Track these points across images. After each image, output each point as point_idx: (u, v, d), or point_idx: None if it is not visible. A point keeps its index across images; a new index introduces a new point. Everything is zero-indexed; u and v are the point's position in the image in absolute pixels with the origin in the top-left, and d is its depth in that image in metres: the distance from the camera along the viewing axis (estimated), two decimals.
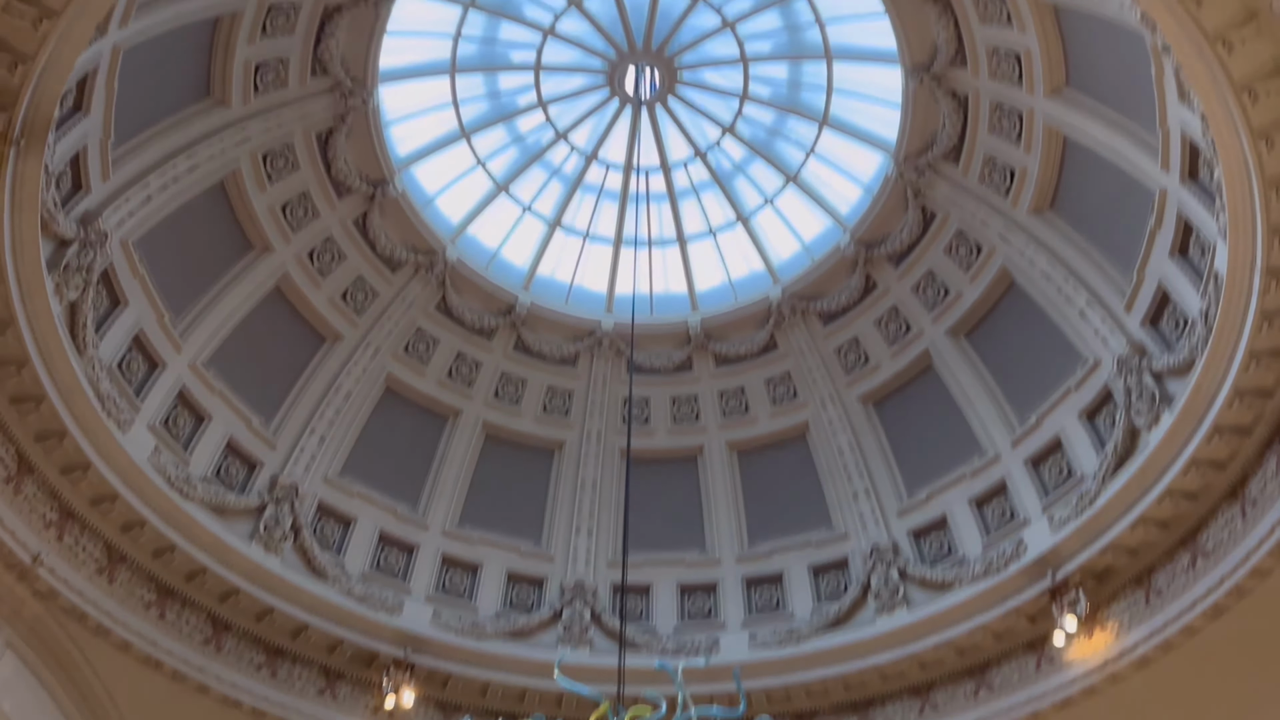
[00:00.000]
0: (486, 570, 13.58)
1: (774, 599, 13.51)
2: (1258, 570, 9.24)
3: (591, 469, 14.37)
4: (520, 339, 14.60)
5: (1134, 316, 11.10)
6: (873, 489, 13.46)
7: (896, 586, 12.51)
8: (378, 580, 12.83)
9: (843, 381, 14.12)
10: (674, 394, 14.86)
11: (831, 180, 14.53)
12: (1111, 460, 10.82)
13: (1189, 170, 9.83)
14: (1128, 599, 10.53)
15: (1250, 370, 9.06)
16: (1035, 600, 11.12)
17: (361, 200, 13.55)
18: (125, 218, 11.09)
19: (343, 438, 13.43)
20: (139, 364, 11.54)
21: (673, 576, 13.85)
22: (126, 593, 10.69)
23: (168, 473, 11.08)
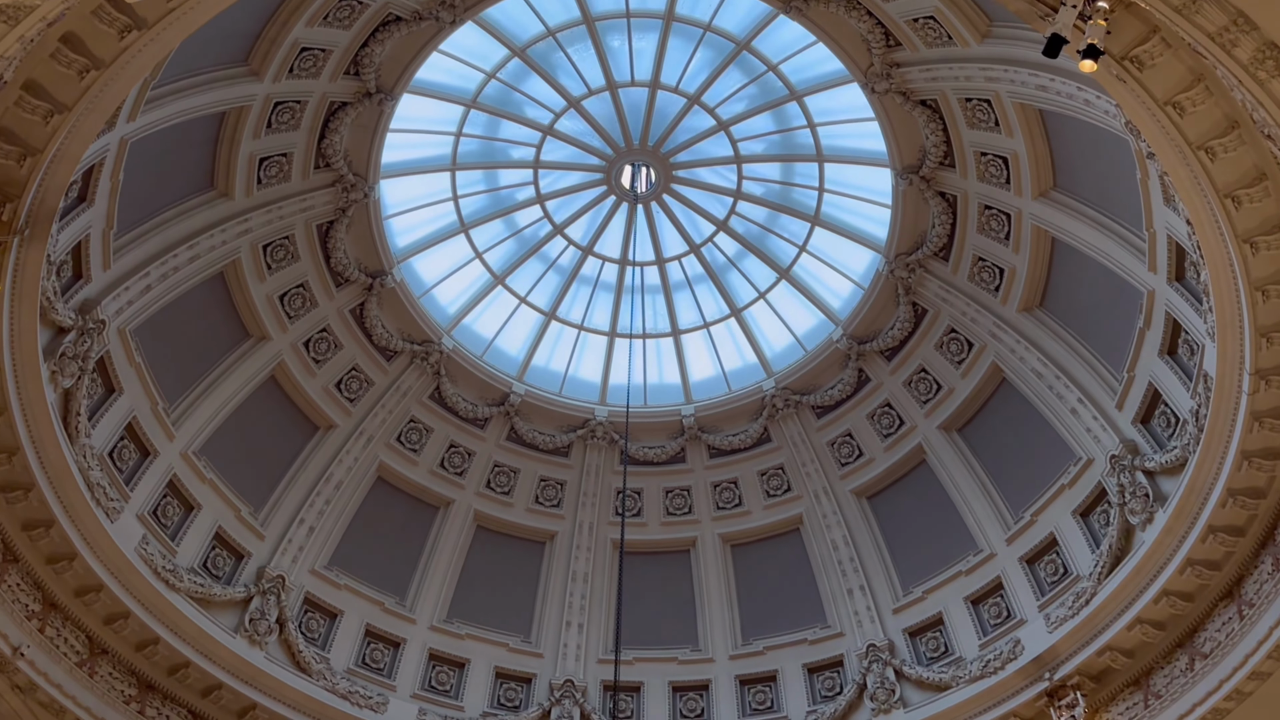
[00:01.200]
0: (474, 667, 13.31)
1: (768, 699, 13.26)
2: (1256, 673, 9.13)
3: (583, 561, 14.22)
4: (514, 429, 14.59)
5: (1125, 414, 11.17)
6: (867, 585, 13.33)
7: (893, 687, 12.31)
8: (363, 676, 12.56)
9: (836, 475, 14.10)
10: (667, 485, 14.81)
11: (824, 275, 14.76)
12: (1107, 559, 10.77)
13: (1176, 272, 10.00)
14: (1126, 701, 10.37)
15: (1242, 470, 9.09)
16: (1032, 702, 10.96)
17: (359, 290, 13.67)
18: (124, 306, 11.14)
19: (332, 528, 13.30)
20: (130, 452, 11.46)
21: (664, 674, 13.60)
22: (107, 687, 10.43)
23: (155, 563, 10.92)
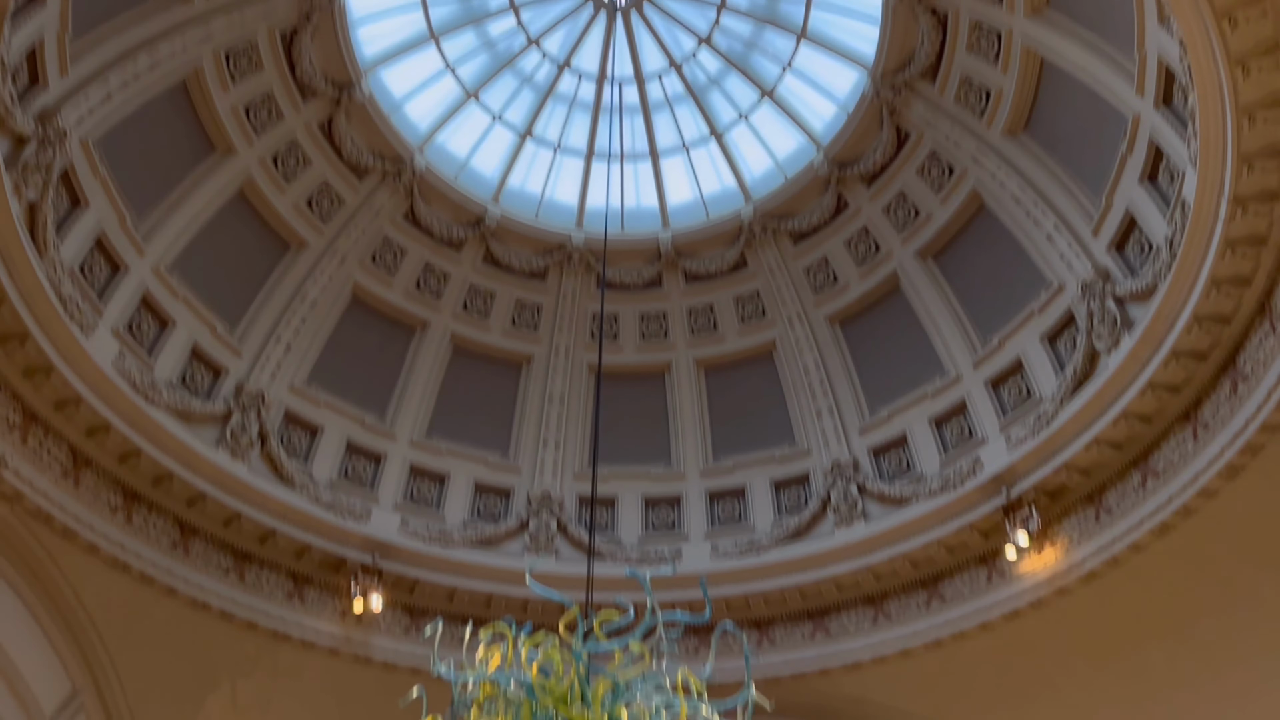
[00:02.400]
0: (454, 481, 13.71)
1: (736, 512, 13.80)
2: (1205, 491, 9.55)
3: (559, 383, 14.42)
4: (489, 251, 14.48)
5: (1100, 241, 11.23)
6: (836, 407, 13.66)
7: (855, 501, 12.80)
8: (345, 488, 12.91)
9: (811, 301, 14.21)
10: (643, 310, 14.88)
11: (807, 97, 14.40)
12: (1070, 383, 11.05)
13: (1163, 96, 9.85)
14: (1079, 516, 10.86)
15: (1211, 297, 9.23)
16: (989, 516, 11.43)
17: (327, 104, 13.24)
18: (84, 115, 10.75)
19: (308, 346, 13.34)
20: (101, 267, 11.33)
21: (638, 489, 14.08)
22: (93, 496, 10.67)
23: (132, 377, 10.97)
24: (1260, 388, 9.02)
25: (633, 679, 5.71)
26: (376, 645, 12.26)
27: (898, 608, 12.23)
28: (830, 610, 12.63)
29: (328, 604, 12.18)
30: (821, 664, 12.40)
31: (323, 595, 12.21)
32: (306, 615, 12.03)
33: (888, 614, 12.29)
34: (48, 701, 10.51)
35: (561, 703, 5.56)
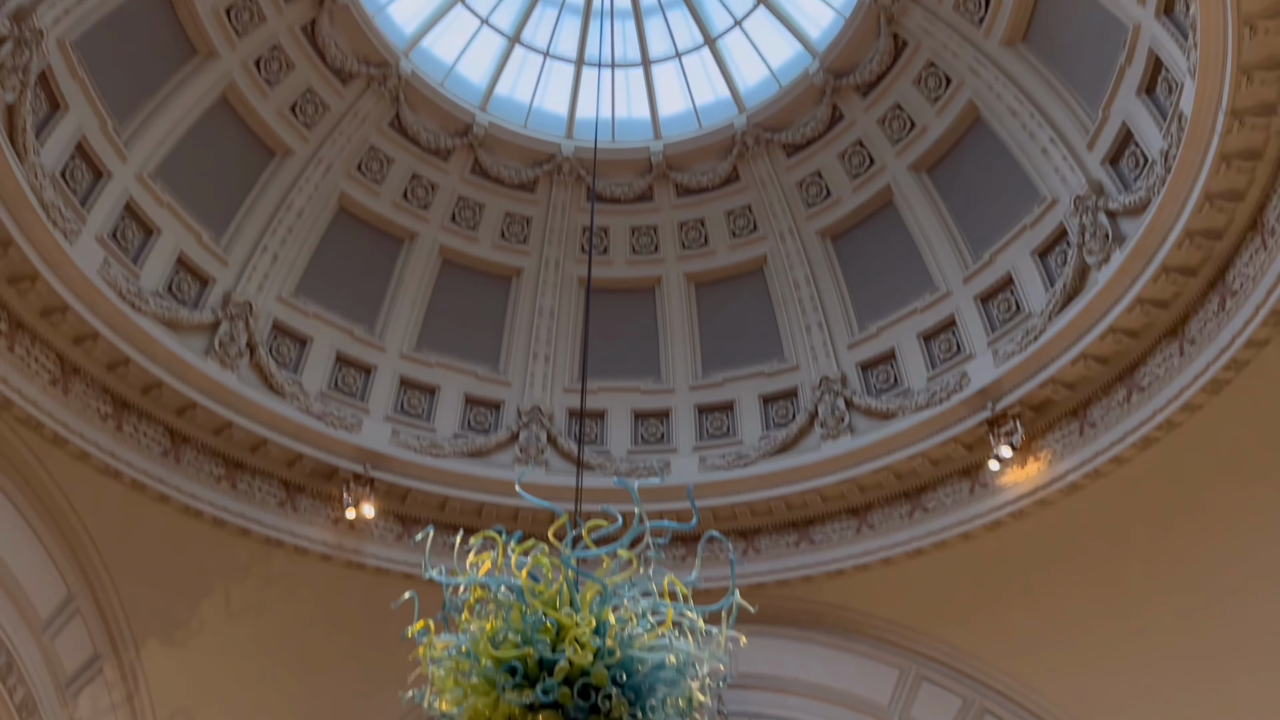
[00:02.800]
0: (444, 393, 13.75)
1: (724, 426, 13.92)
2: (1189, 405, 9.65)
3: (549, 297, 14.37)
4: (477, 161, 14.27)
5: (1095, 155, 11.12)
6: (825, 322, 13.67)
7: (842, 415, 12.91)
8: (336, 399, 12.95)
9: (803, 215, 14.10)
10: (633, 224, 14.75)
11: (803, 3, 14.06)
12: (1059, 298, 11.06)
13: (1165, 4, 9.66)
14: (1062, 430, 10.99)
15: (1204, 211, 9.19)
16: (974, 430, 11.55)
17: (309, 5, 12.87)
18: (61, 15, 10.44)
19: (295, 256, 13.22)
20: (83, 173, 11.14)
21: (627, 403, 14.15)
22: (82, 404, 10.69)
23: (119, 285, 10.89)
24: (1248, 303, 9.05)
25: (620, 584, 5.80)
26: (369, 552, 12.46)
27: (881, 518, 12.44)
28: (815, 521, 12.85)
29: (320, 512, 12.32)
30: (805, 572, 12.66)
31: (315, 503, 12.34)
32: (299, 523, 12.19)
33: (871, 525, 12.50)
34: (43, 605, 10.69)
35: (550, 606, 5.65)
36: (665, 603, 5.78)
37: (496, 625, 5.60)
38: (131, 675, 11.57)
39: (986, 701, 11.86)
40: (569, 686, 5.38)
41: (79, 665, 11.10)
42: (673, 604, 5.77)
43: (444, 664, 5.64)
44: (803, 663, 12.77)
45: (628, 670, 5.51)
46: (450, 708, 5.63)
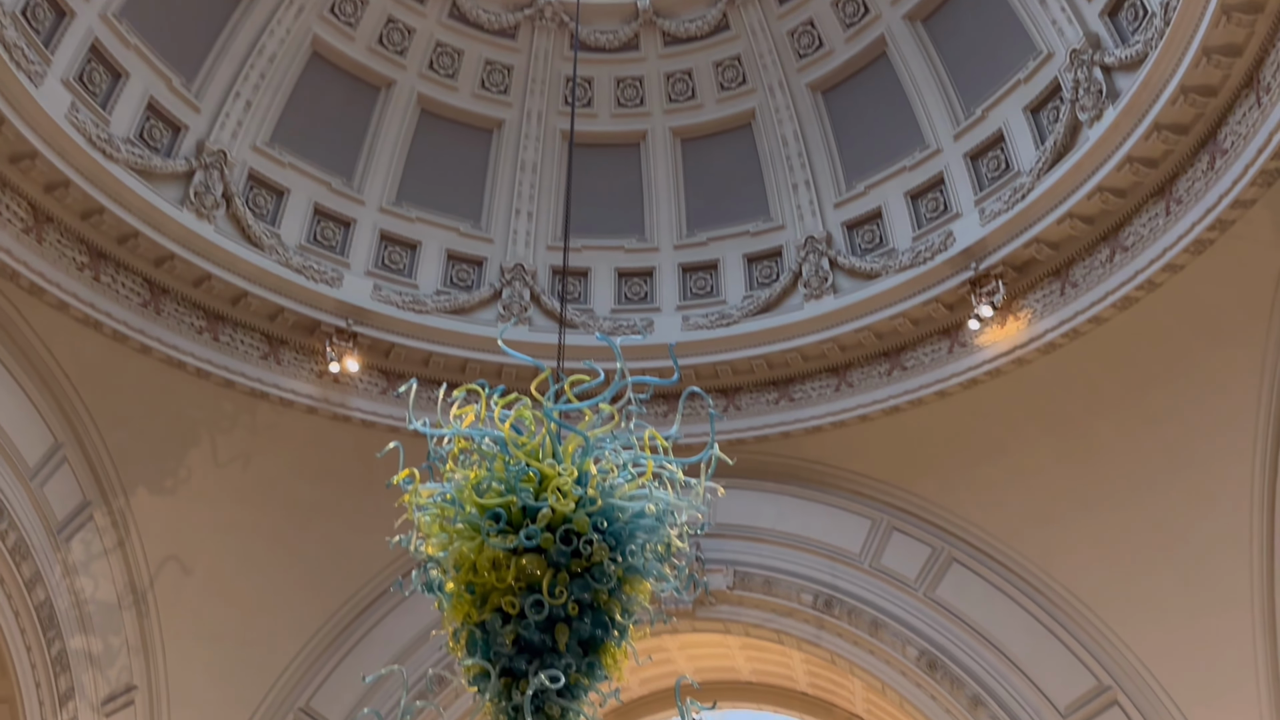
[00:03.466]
0: (425, 248, 13.61)
1: (708, 285, 13.90)
2: (1171, 265, 9.68)
3: (532, 151, 14.06)
4: (456, 4, 13.69)
5: (1094, 6, 10.76)
6: (812, 180, 13.49)
7: (826, 275, 12.90)
8: (315, 252, 12.80)
9: (793, 66, 13.70)
10: (619, 75, 14.31)
11: None
12: (1049, 156, 10.91)
13: None
14: (1044, 290, 11.03)
15: (1200, 66, 8.98)
16: (956, 289, 11.57)
17: None
18: None
19: (269, 104, 12.80)
20: (44, 12, 10.62)
21: (611, 261, 14.07)
22: (58, 254, 10.54)
23: (88, 132, 10.57)
24: (1238, 162, 8.96)
25: (602, 438, 5.88)
26: (354, 405, 12.58)
27: (860, 377, 12.60)
28: (795, 379, 13.01)
29: (304, 366, 12.37)
30: (784, 428, 12.90)
31: (298, 357, 12.37)
32: (283, 376, 12.24)
33: (850, 383, 12.67)
34: (30, 453, 10.80)
35: (533, 457, 5.75)
36: (646, 455, 5.89)
37: (480, 475, 5.71)
38: (122, 522, 11.82)
39: (954, 551, 12.31)
40: (551, 533, 5.54)
41: (69, 511, 11.32)
42: (653, 456, 5.88)
43: (429, 511, 5.77)
44: (779, 514, 13.16)
45: (608, 518, 5.66)
46: (436, 551, 5.80)
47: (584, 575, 5.63)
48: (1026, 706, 11.48)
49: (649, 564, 5.84)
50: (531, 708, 5.56)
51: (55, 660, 11.08)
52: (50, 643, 10.98)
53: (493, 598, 5.66)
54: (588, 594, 5.64)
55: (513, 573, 5.56)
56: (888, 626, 12.23)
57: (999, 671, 11.70)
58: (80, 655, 11.39)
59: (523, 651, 5.66)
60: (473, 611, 5.76)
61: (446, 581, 5.83)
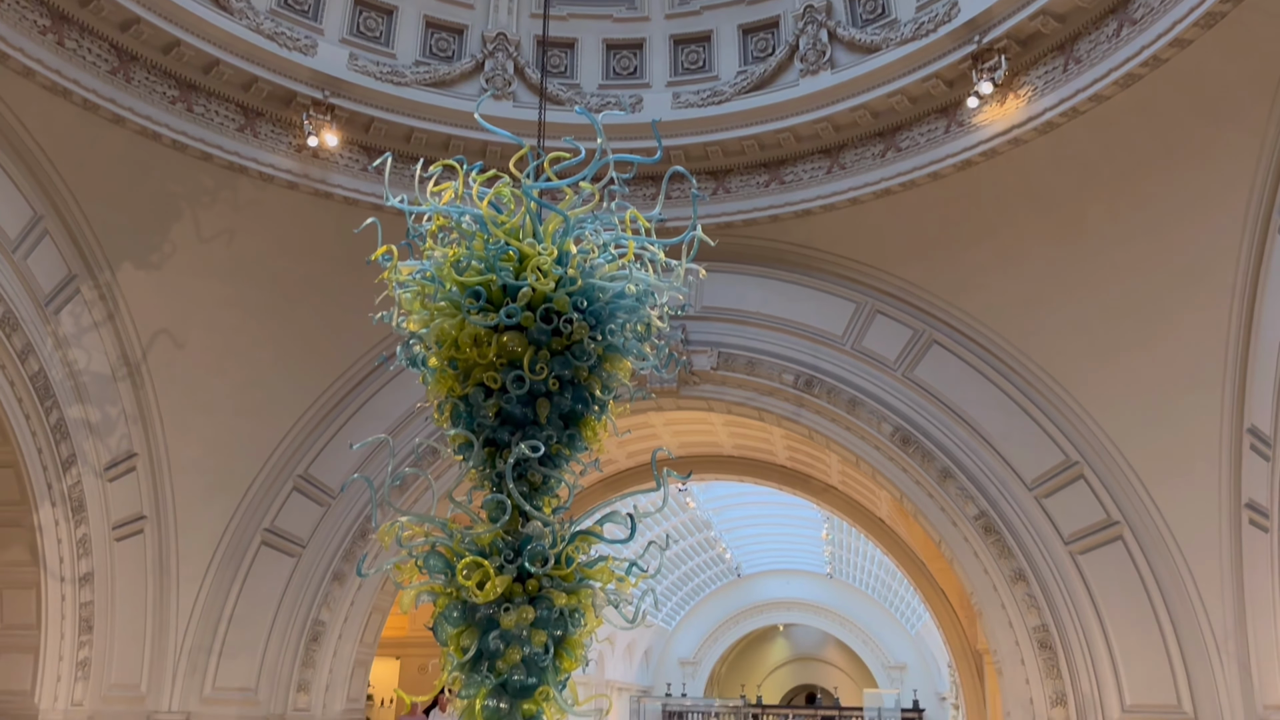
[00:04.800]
0: (403, 13, 12.95)
1: (700, 60, 13.37)
2: (1179, 40, 9.24)
3: None
4: None
5: None
6: None
7: (824, 49, 12.37)
8: (287, 17, 12.16)
9: None
10: None
11: None
12: None
13: None
14: (1046, 66, 10.61)
15: None
16: (957, 64, 11.12)
17: None
18: None
19: None
20: None
21: (598, 32, 13.47)
22: (17, 17, 9.97)
23: None
24: None
25: (583, 217, 5.80)
26: (336, 181, 12.36)
27: (853, 159, 12.34)
28: (787, 161, 12.76)
29: (281, 139, 12.04)
30: (774, 212, 12.76)
31: (276, 130, 12.02)
32: (261, 149, 11.94)
33: (843, 165, 12.43)
34: (9, 225, 10.67)
35: (513, 236, 5.69)
36: (627, 236, 5.84)
37: (460, 253, 5.68)
38: (110, 295, 11.86)
39: (935, 334, 12.50)
40: (532, 311, 5.57)
41: (55, 284, 11.32)
42: (635, 238, 5.83)
43: (410, 288, 5.77)
44: (765, 297, 13.26)
45: (589, 298, 5.68)
46: (418, 328, 5.85)
47: (564, 353, 5.72)
48: (994, 479, 12.01)
49: (629, 343, 5.92)
50: (514, 475, 5.79)
51: (55, 428, 11.40)
52: (48, 411, 11.26)
53: (475, 373, 5.77)
54: (568, 371, 5.75)
55: (494, 349, 5.65)
56: (865, 404, 12.59)
57: (970, 446, 12.16)
58: (79, 424, 11.71)
59: (505, 424, 5.83)
60: (455, 386, 5.89)
61: (429, 357, 5.93)
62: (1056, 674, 11.33)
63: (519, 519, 5.91)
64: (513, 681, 5.69)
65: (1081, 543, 11.60)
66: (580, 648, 5.98)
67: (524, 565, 5.67)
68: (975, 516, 11.95)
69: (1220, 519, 10.55)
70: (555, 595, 5.74)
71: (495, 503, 5.85)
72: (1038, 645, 11.45)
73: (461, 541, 5.81)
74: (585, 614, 5.94)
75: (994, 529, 11.84)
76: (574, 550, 5.92)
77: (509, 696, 5.73)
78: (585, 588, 5.93)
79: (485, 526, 5.86)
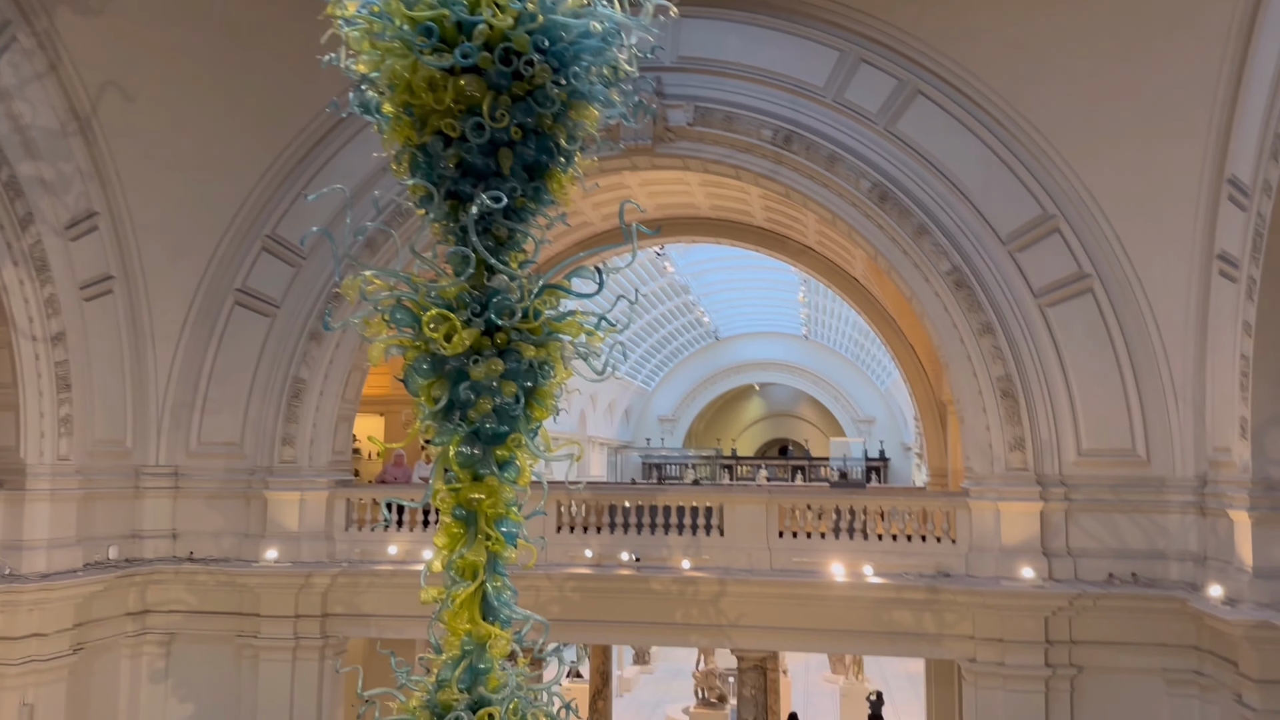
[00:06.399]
0: None
1: None
2: None
3: None
4: None
5: None
6: None
7: None
8: None
9: None
10: None
11: None
12: None
13: None
14: None
15: None
16: None
17: None
18: None
19: None
20: None
21: None
22: None
23: None
24: None
25: None
26: None
27: None
28: None
29: None
30: None
31: None
32: None
33: None
34: None
35: None
36: None
37: None
38: (49, 44, 11.15)
39: (921, 84, 12.03)
40: (489, 52, 5.23)
41: None
42: None
43: (357, 25, 5.39)
44: (745, 46, 12.62)
45: (550, 37, 5.34)
46: (368, 70, 5.52)
47: (526, 99, 5.42)
48: (969, 234, 11.95)
49: (595, 88, 5.61)
50: (478, 228, 5.65)
51: (6, 185, 11.02)
52: None
53: (432, 120, 5.49)
54: (530, 118, 5.47)
55: (451, 94, 5.34)
56: (844, 160, 12.29)
57: (948, 202, 11.99)
58: (33, 181, 11.31)
59: (466, 175, 5.62)
60: (412, 134, 5.62)
61: (383, 103, 5.62)
62: (1017, 420, 11.73)
63: (484, 273, 5.83)
64: (485, 429, 5.81)
65: (1051, 296, 11.72)
66: (550, 398, 6.07)
67: (491, 318, 5.64)
68: (948, 272, 11.97)
69: (1191, 270, 10.62)
70: (524, 348, 5.76)
71: (459, 255, 5.74)
72: (1000, 394, 11.79)
73: (427, 295, 5.75)
74: (554, 366, 5.99)
75: (965, 284, 11.89)
76: (542, 304, 5.88)
77: (482, 443, 5.87)
78: (554, 341, 5.95)
79: (450, 280, 5.79)
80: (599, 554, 12.81)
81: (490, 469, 5.87)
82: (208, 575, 13.22)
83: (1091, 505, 11.55)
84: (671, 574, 12.33)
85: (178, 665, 13.32)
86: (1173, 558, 11.20)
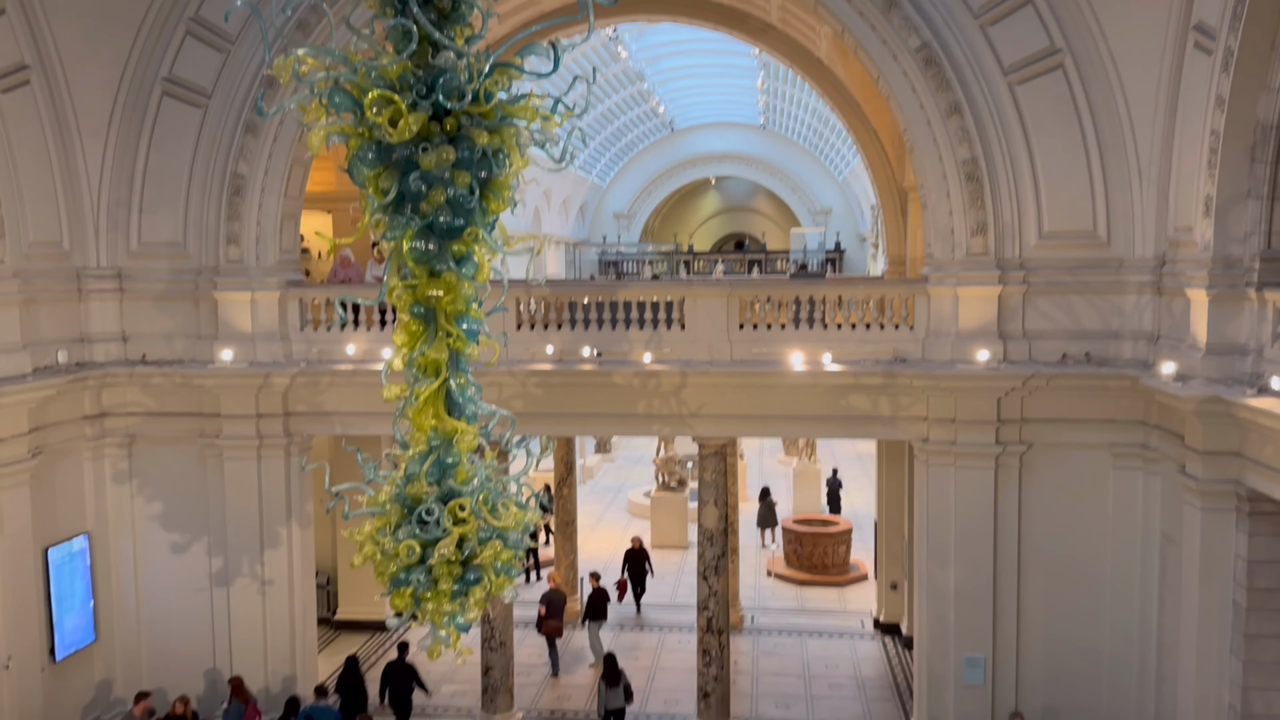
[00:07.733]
0: None
1: None
2: None
3: None
4: None
5: None
6: None
7: None
8: None
9: None
10: None
11: None
12: None
13: None
14: None
15: None
16: None
17: None
18: None
19: None
20: None
21: None
22: None
23: None
24: None
25: None
26: None
27: None
28: None
29: None
30: None
31: None
32: None
33: None
34: None
35: None
36: None
37: None
38: None
39: None
40: None
41: None
42: None
43: None
44: None
45: None
46: None
47: None
48: (940, 7, 11.30)
49: None
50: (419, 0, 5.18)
51: None
52: None
53: None
54: None
55: None
56: None
57: None
58: None
59: None
60: None
61: None
62: (980, 205, 11.57)
63: (429, 50, 5.39)
64: (439, 223, 5.52)
65: (1021, 72, 11.31)
66: (507, 189, 5.76)
67: (439, 101, 5.25)
68: (917, 49, 11.45)
69: (1165, 42, 10.23)
70: (476, 134, 5.40)
71: (400, 30, 5.29)
72: (965, 178, 11.56)
73: (367, 75, 5.32)
74: (510, 154, 5.65)
75: (935, 60, 11.41)
76: (493, 85, 5.47)
77: (436, 238, 5.59)
78: (508, 126, 5.58)
79: (391, 58, 5.34)
80: (560, 350, 12.76)
81: (447, 264, 5.64)
82: (163, 377, 13.05)
83: (1049, 288, 11.61)
84: (633, 368, 12.35)
85: (141, 465, 13.36)
86: (1126, 337, 11.39)
